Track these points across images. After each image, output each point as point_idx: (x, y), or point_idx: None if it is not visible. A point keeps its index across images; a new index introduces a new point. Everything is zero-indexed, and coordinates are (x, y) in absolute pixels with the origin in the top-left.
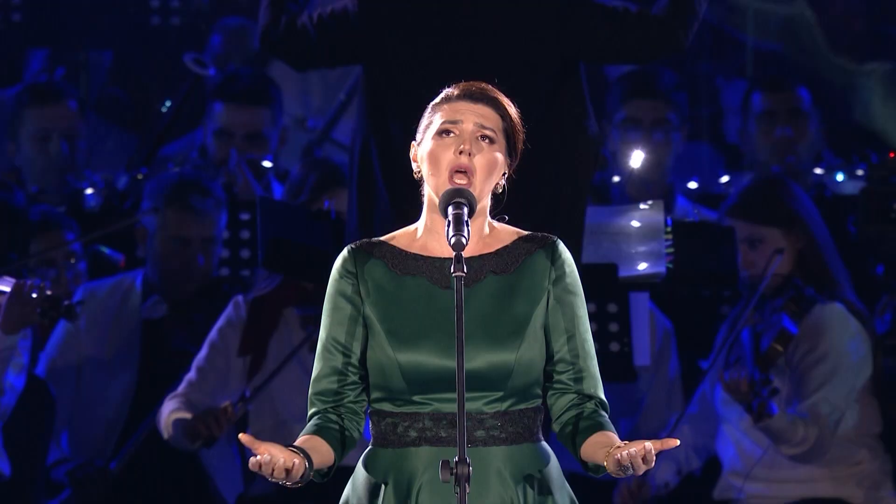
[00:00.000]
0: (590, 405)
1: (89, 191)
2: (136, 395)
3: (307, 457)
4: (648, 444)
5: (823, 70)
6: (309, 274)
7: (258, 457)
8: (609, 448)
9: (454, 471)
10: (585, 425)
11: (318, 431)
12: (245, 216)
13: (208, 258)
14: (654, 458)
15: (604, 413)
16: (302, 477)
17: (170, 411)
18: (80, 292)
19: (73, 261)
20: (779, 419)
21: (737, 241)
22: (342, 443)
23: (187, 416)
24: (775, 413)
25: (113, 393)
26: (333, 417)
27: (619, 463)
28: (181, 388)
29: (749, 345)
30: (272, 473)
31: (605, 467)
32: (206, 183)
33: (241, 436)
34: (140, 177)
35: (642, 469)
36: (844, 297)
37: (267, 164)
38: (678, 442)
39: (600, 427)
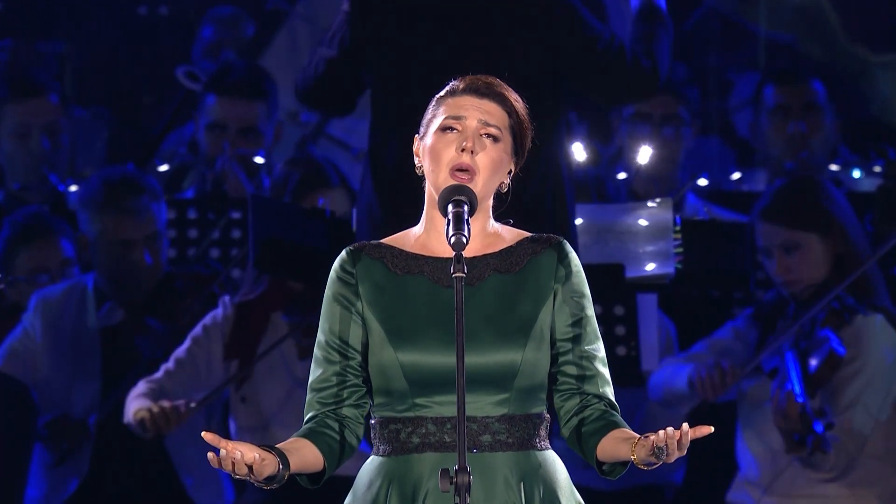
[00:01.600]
0: (599, 406)
1: (73, 188)
2: (103, 404)
3: (282, 457)
4: (686, 426)
5: (839, 62)
6: (302, 274)
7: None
8: (633, 440)
9: (454, 480)
10: (599, 425)
11: (308, 435)
12: (236, 214)
13: (155, 255)
14: (689, 442)
15: (615, 413)
16: (274, 477)
17: (135, 395)
18: (32, 299)
19: (67, 267)
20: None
21: (747, 242)
22: (336, 449)
23: (147, 404)
24: (830, 451)
25: (77, 403)
26: (331, 423)
27: (652, 447)
28: (157, 374)
29: (795, 365)
30: (233, 469)
31: (625, 464)
32: (137, 179)
33: (204, 434)
34: None
35: (676, 454)
36: (882, 304)
37: (259, 160)
38: (712, 429)
39: (615, 425)
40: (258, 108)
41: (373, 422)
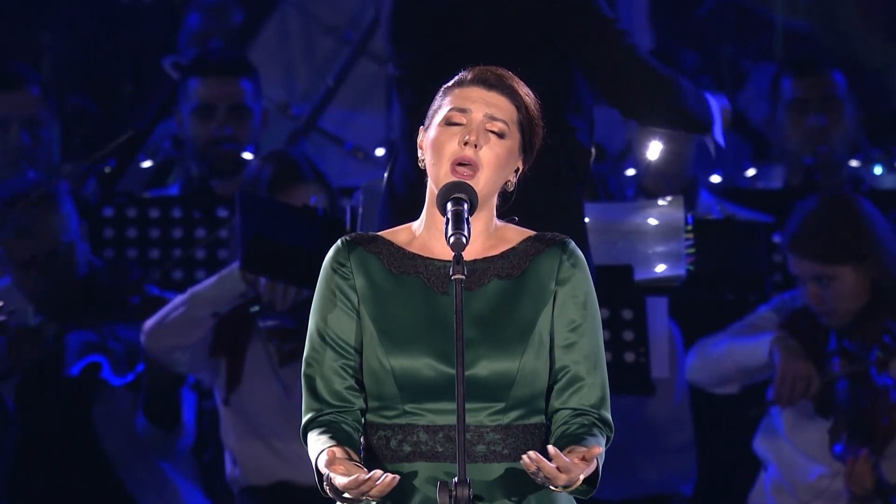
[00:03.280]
0: (580, 420)
1: None
2: (16, 407)
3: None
4: (552, 448)
5: (859, 52)
6: (293, 276)
7: (352, 476)
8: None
9: (453, 493)
10: (565, 442)
11: (345, 441)
12: (223, 213)
13: (65, 268)
14: (572, 469)
15: (596, 431)
16: None
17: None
18: None
19: None
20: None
21: (763, 242)
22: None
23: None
24: None
25: None
26: (347, 428)
27: (528, 467)
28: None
29: (849, 407)
30: (369, 491)
31: (586, 481)
32: (29, 194)
33: (380, 474)
34: (108, 170)
35: (559, 478)
36: None
37: (247, 155)
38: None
39: (578, 440)
40: (243, 84)
41: (365, 426)
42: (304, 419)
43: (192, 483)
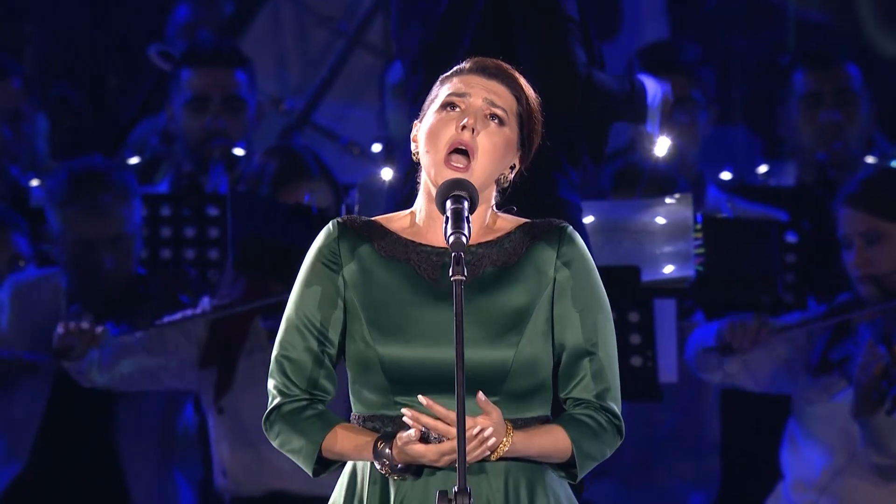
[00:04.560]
0: (581, 407)
1: (34, 182)
2: (49, 404)
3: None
4: (423, 398)
5: (875, 44)
6: (287, 276)
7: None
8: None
9: (452, 501)
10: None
11: (337, 420)
12: (214, 211)
13: (122, 258)
14: (449, 416)
15: (601, 418)
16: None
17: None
18: (5, 287)
19: (21, 263)
20: (884, 420)
21: (775, 241)
22: None
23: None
24: None
25: (20, 395)
26: (322, 408)
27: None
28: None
29: (878, 337)
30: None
31: (559, 466)
32: (106, 174)
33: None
34: None
35: (449, 431)
36: None
37: (239, 151)
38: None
39: (565, 423)
40: (238, 74)
41: (351, 418)
42: (276, 401)
43: (194, 491)
